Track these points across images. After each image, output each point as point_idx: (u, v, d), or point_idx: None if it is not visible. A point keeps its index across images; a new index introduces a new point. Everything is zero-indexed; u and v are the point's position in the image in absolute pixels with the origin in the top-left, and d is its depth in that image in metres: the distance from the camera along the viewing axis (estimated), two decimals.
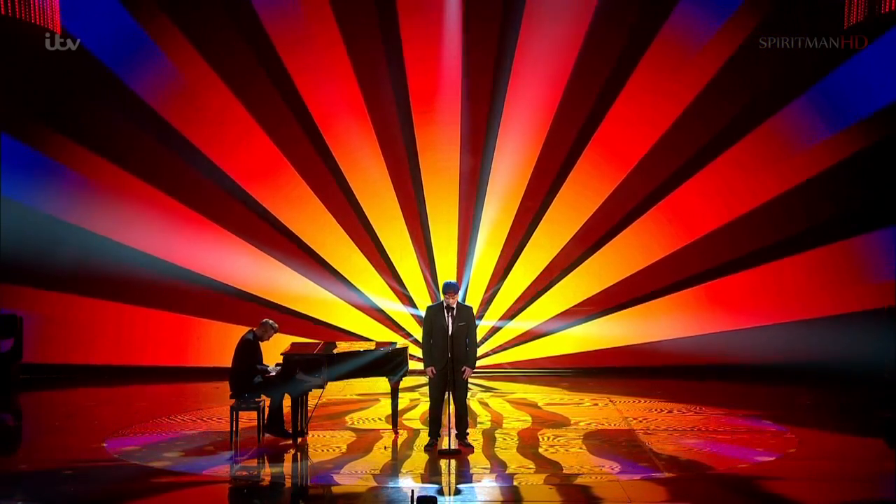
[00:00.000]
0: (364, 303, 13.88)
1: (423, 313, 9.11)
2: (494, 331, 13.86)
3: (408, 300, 13.83)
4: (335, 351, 9.49)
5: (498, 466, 8.19)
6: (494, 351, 13.88)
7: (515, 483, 7.64)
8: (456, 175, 13.80)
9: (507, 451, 8.79)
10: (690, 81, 13.34)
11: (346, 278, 13.85)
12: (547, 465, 8.18)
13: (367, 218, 13.82)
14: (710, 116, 13.36)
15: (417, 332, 13.05)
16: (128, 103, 13.37)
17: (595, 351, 13.76)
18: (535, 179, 13.68)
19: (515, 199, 13.72)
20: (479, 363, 9.96)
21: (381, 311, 13.87)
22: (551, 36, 13.35)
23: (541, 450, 8.78)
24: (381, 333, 13.59)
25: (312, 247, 13.81)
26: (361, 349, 9.68)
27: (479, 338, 10.11)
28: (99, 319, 13.61)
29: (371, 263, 13.83)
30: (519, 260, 13.81)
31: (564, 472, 7.96)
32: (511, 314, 13.86)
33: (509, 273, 13.83)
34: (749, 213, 13.41)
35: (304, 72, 13.55)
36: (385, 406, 11.00)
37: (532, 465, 8.19)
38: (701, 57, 13.28)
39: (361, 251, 13.82)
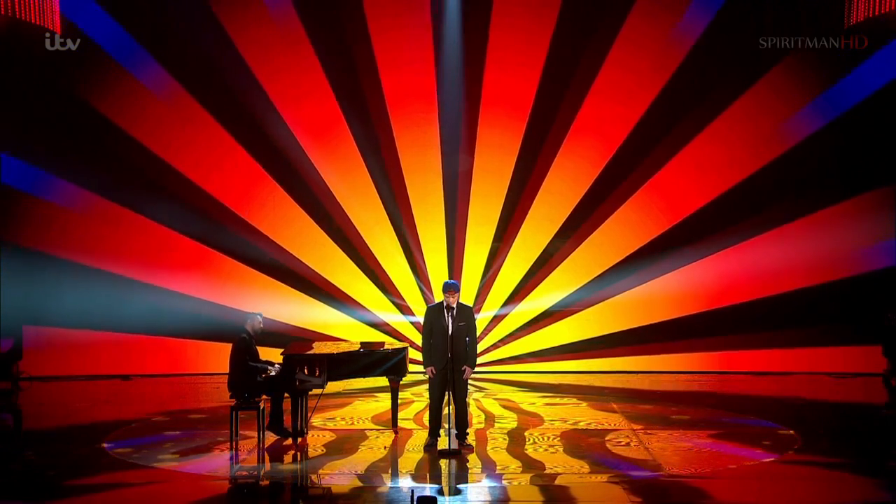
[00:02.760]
0: (358, 310, 13.88)
1: (416, 319, 9.10)
2: (496, 322, 13.90)
3: (404, 308, 13.80)
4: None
5: (497, 467, 8.18)
6: (493, 347, 13.91)
7: (514, 483, 7.63)
8: (439, 175, 13.85)
9: (505, 451, 8.78)
10: (664, 63, 13.41)
11: (338, 287, 13.86)
12: (546, 466, 8.17)
13: (354, 226, 13.86)
14: (688, 95, 13.47)
15: (415, 337, 13.03)
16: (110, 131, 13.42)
17: (591, 341, 13.84)
18: (519, 172, 13.76)
19: (500, 193, 13.80)
20: (479, 360, 9.97)
21: (372, 318, 13.88)
22: (523, 24, 13.45)
23: (540, 450, 8.78)
24: (375, 337, 13.56)
25: (302, 259, 13.82)
26: (351, 350, 9.63)
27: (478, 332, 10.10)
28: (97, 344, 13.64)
29: (362, 271, 13.87)
30: (510, 254, 13.87)
31: (565, 472, 7.95)
32: (506, 305, 13.91)
33: (501, 267, 13.87)
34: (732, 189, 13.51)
35: (279, 84, 13.60)
36: (369, 405, 11.05)
37: (531, 465, 8.19)
38: (672, 37, 13.35)
39: (351, 259, 13.87)
